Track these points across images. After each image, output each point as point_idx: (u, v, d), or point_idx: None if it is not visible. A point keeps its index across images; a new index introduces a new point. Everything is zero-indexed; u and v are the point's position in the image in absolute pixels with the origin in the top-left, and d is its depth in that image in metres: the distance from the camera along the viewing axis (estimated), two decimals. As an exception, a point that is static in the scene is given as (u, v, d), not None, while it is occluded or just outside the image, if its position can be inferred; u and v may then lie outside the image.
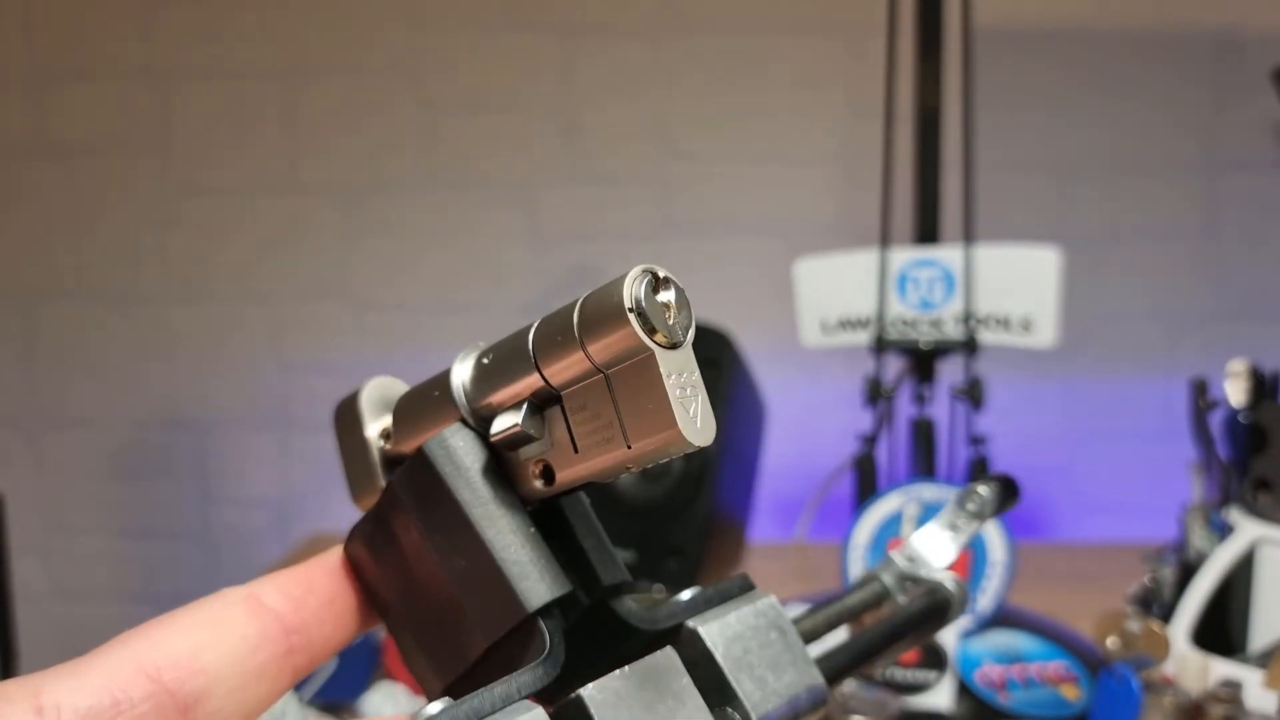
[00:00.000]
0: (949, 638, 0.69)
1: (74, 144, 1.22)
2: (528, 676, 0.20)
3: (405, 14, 1.17)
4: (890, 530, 0.72)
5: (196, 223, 1.22)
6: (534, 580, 0.22)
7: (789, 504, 1.10)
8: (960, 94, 0.77)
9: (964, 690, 0.67)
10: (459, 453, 0.22)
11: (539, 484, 0.22)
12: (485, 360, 0.22)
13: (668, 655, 0.21)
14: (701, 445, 0.19)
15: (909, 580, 0.30)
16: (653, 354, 0.19)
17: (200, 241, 1.23)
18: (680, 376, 0.19)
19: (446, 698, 0.19)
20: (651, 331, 0.19)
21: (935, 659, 0.68)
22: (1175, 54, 1.10)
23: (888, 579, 0.30)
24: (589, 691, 0.20)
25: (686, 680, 0.21)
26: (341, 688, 0.74)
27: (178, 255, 1.23)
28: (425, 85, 1.17)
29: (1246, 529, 0.65)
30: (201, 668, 0.21)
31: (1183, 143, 1.12)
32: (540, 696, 0.20)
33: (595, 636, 0.23)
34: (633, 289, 0.19)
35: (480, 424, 0.22)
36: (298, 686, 0.70)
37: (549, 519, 0.23)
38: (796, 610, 0.25)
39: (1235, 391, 0.68)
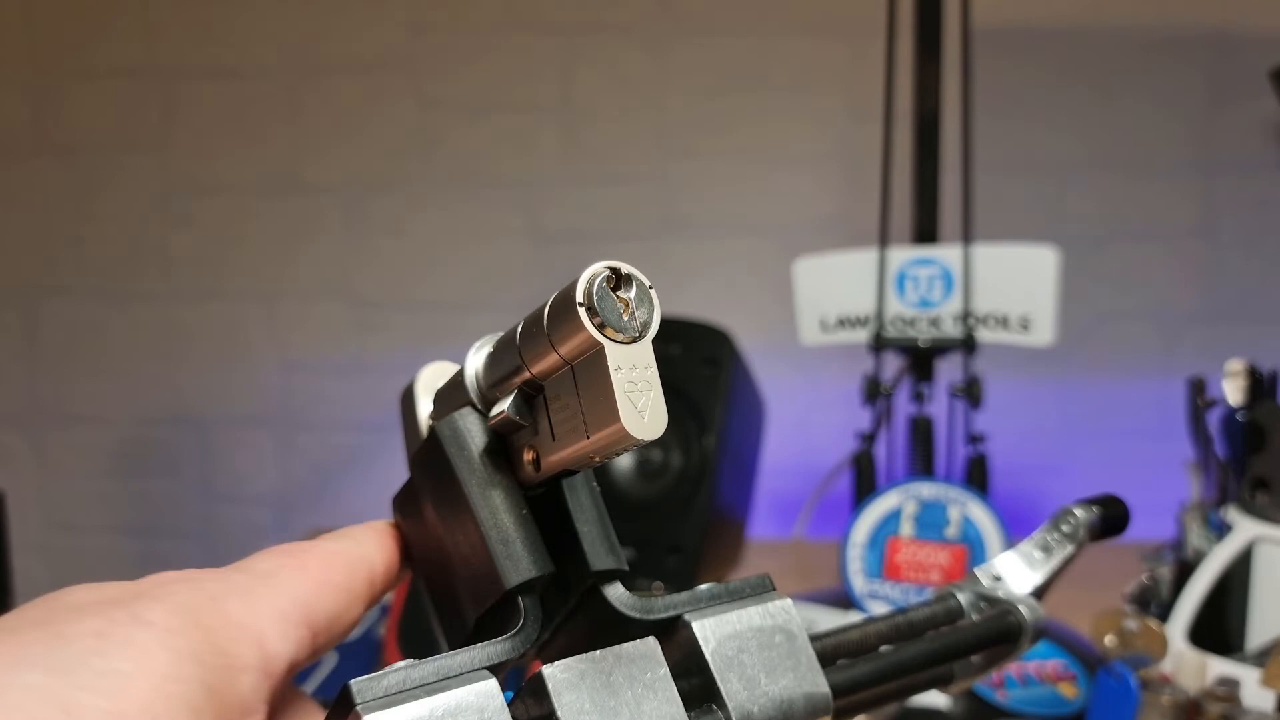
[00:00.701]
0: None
1: (76, 142, 1.22)
2: (494, 649, 0.21)
3: (407, 14, 1.17)
4: (889, 528, 0.73)
5: (198, 222, 1.23)
6: (515, 559, 0.23)
7: (788, 502, 1.10)
8: (959, 94, 0.77)
9: (962, 688, 0.68)
10: (463, 434, 0.24)
11: (531, 469, 0.23)
12: (491, 349, 0.24)
13: (648, 644, 0.21)
14: (646, 439, 0.20)
15: (985, 600, 0.27)
16: (603, 348, 0.20)
17: (202, 240, 1.23)
18: (633, 370, 0.20)
19: (410, 659, 0.20)
20: (602, 326, 0.20)
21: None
22: (1173, 54, 1.10)
23: (964, 597, 0.27)
24: (549, 669, 0.20)
25: (664, 672, 0.21)
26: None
27: (179, 254, 1.23)
28: (427, 85, 1.18)
29: (1244, 528, 0.65)
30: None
31: (1181, 143, 1.12)
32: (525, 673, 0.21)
33: (599, 623, 0.23)
34: (585, 285, 0.20)
35: (487, 409, 0.24)
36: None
37: (553, 503, 0.24)
38: (807, 610, 0.24)
39: (1233, 391, 0.69)
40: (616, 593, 0.23)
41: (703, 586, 0.23)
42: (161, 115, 1.21)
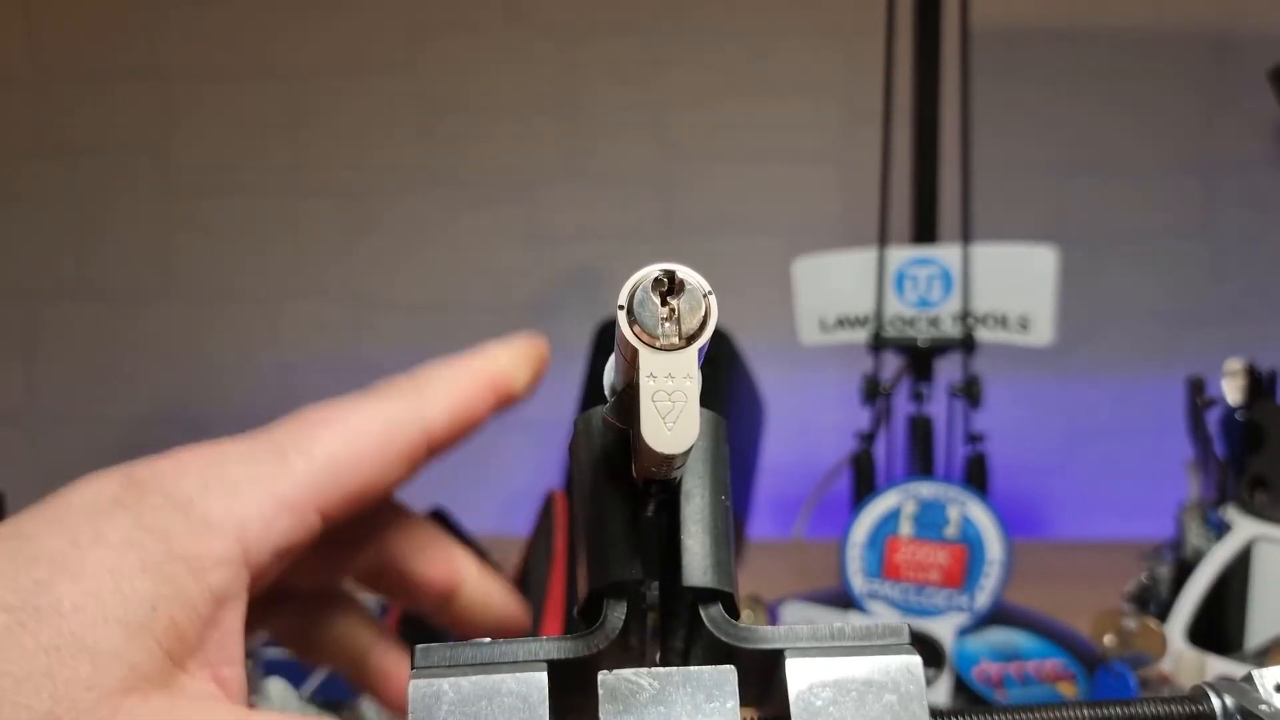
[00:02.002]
0: (946, 635, 0.69)
1: (76, 144, 1.22)
2: (560, 644, 0.21)
3: (406, 13, 1.17)
4: (888, 528, 0.73)
5: (197, 222, 1.23)
6: (603, 560, 0.22)
7: (787, 502, 1.10)
8: (958, 93, 0.77)
9: (961, 687, 0.68)
10: (593, 432, 0.23)
11: (634, 472, 0.22)
12: None
13: (722, 672, 0.20)
14: (667, 453, 0.19)
15: (1246, 715, 0.22)
16: (638, 352, 0.19)
17: (202, 241, 1.23)
18: (668, 380, 0.19)
19: (490, 638, 0.20)
20: (638, 330, 0.19)
21: (932, 656, 0.68)
22: (1173, 54, 1.10)
23: (1220, 702, 0.22)
24: (605, 675, 0.20)
25: (732, 705, 0.20)
26: (341, 687, 0.74)
27: (179, 255, 1.24)
28: (425, 84, 1.18)
29: (1243, 527, 0.65)
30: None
31: (1180, 142, 1.12)
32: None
33: (710, 644, 0.22)
34: (629, 286, 0.19)
35: None
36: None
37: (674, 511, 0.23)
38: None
39: (1232, 390, 0.69)
40: (712, 614, 0.22)
41: (829, 625, 0.22)
42: (161, 116, 1.21)
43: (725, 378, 0.88)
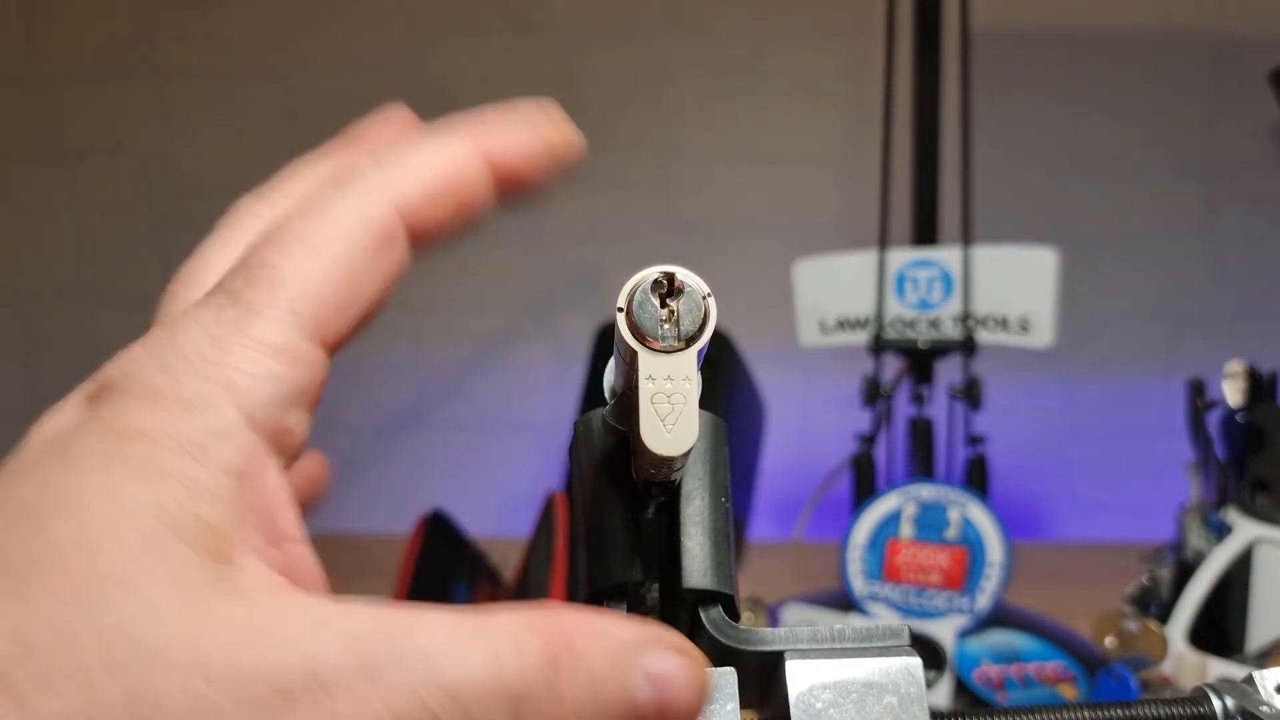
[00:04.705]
0: (946, 637, 0.69)
1: (74, 144, 1.22)
2: None
3: (406, 15, 1.17)
4: (889, 529, 0.73)
5: (197, 223, 1.22)
6: (607, 563, 0.22)
7: (788, 503, 1.10)
8: (959, 95, 0.77)
9: (961, 689, 0.68)
10: (593, 434, 0.23)
11: (633, 474, 0.22)
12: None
13: (723, 674, 0.20)
14: (665, 454, 0.19)
15: (1247, 716, 0.22)
16: (637, 354, 0.19)
17: (200, 241, 1.23)
18: (667, 381, 0.19)
19: None
20: (638, 333, 0.19)
21: (933, 658, 0.68)
22: (1173, 56, 1.10)
23: (1221, 703, 0.22)
24: None
25: (732, 706, 0.20)
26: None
27: (178, 255, 1.23)
28: (425, 86, 1.18)
29: (1244, 529, 0.65)
30: None
31: (1181, 144, 1.12)
32: None
33: (712, 646, 0.22)
34: (629, 288, 0.19)
35: None
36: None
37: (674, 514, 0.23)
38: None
39: (1233, 392, 0.69)
40: (712, 616, 0.22)
41: (830, 626, 0.22)
42: (161, 116, 1.21)
43: (725, 379, 0.88)
